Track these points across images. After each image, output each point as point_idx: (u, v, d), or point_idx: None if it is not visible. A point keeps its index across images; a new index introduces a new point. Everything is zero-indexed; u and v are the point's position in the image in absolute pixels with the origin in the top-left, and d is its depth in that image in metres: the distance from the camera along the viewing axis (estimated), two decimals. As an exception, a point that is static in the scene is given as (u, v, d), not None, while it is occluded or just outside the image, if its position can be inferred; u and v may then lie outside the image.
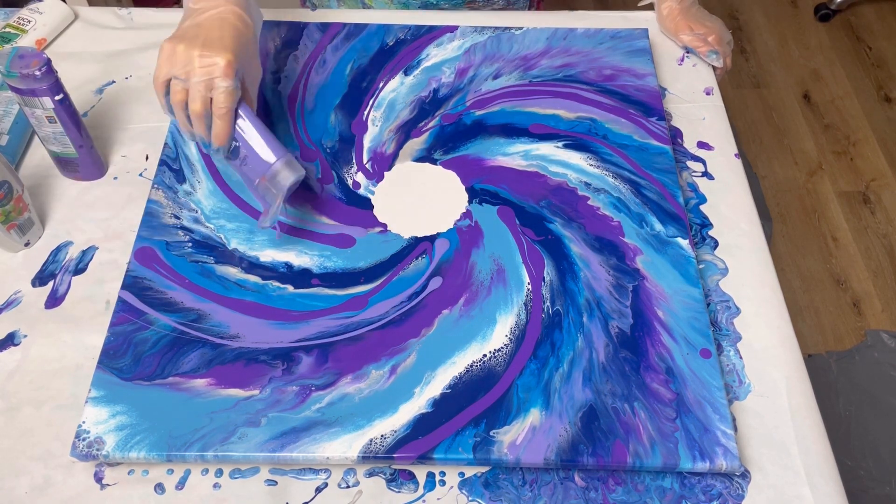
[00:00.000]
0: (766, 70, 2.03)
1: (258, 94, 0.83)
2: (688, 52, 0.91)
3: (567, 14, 0.94)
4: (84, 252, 0.72)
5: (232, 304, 0.67)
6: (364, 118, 0.81)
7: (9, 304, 0.68)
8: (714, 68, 0.90)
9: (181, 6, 0.72)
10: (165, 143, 0.77)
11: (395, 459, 0.59)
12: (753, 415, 0.64)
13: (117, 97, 0.84)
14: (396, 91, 0.83)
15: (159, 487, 0.59)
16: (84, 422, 0.59)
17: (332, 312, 0.66)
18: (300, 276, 0.69)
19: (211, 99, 0.65)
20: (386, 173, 0.77)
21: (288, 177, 0.67)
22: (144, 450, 0.58)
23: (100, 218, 0.74)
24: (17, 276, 0.70)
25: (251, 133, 0.67)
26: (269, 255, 0.70)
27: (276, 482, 0.60)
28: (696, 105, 0.86)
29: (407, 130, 0.80)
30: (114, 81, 0.85)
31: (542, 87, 0.84)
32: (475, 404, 0.61)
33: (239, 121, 0.67)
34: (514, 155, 0.78)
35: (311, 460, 0.59)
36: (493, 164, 0.77)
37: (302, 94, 0.83)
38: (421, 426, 0.60)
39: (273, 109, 0.81)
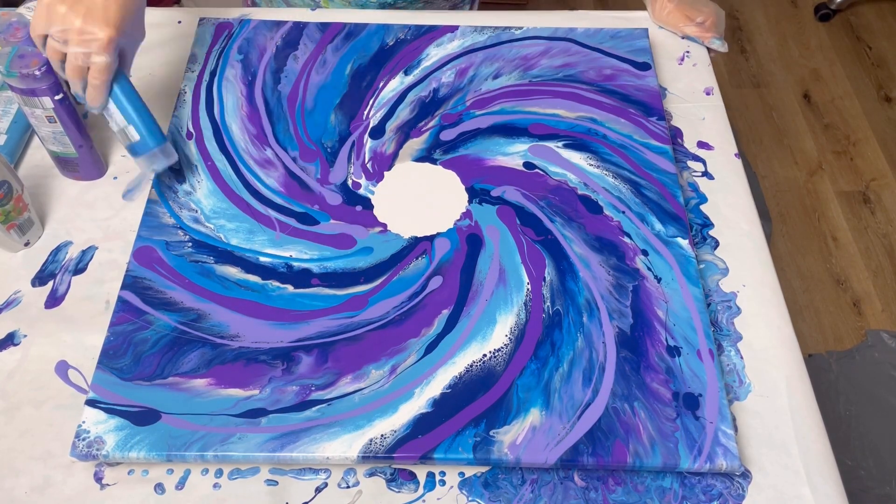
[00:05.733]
0: (766, 70, 2.03)
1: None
2: (688, 40, 0.91)
3: (567, 14, 0.94)
4: (84, 252, 0.72)
5: (232, 303, 0.67)
6: (364, 118, 0.81)
7: (9, 304, 0.68)
8: (708, 49, 0.90)
9: (181, 6, 0.72)
10: (165, 143, 0.77)
11: (395, 459, 0.59)
12: (753, 415, 0.64)
13: (117, 97, 0.83)
14: (396, 91, 0.83)
15: (159, 487, 0.59)
16: (84, 422, 0.59)
17: (331, 312, 0.66)
18: (300, 276, 0.69)
19: (88, 67, 0.64)
20: (386, 173, 0.77)
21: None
22: (144, 450, 0.58)
23: (100, 218, 0.74)
24: (16, 275, 0.70)
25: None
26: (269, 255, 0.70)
27: (276, 482, 0.60)
28: (696, 105, 0.86)
29: (407, 130, 0.80)
30: (114, 81, 0.85)
31: (542, 86, 0.84)
32: (475, 404, 0.61)
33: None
34: (514, 155, 0.78)
35: (311, 460, 0.59)
36: (493, 164, 0.77)
37: (302, 94, 0.83)
38: (421, 426, 0.60)
39: (273, 109, 0.81)
